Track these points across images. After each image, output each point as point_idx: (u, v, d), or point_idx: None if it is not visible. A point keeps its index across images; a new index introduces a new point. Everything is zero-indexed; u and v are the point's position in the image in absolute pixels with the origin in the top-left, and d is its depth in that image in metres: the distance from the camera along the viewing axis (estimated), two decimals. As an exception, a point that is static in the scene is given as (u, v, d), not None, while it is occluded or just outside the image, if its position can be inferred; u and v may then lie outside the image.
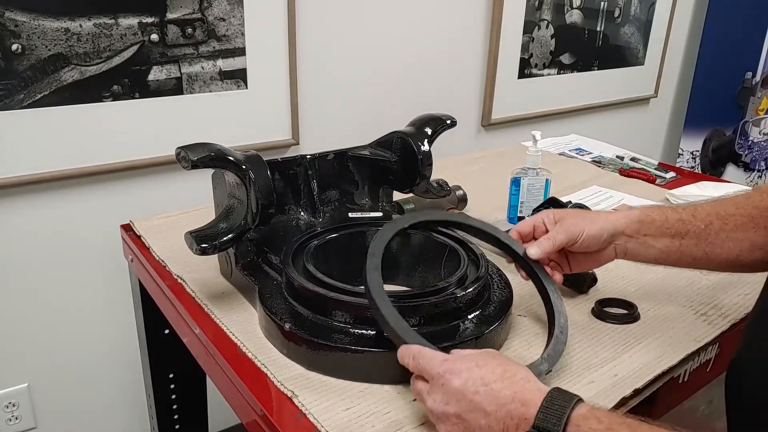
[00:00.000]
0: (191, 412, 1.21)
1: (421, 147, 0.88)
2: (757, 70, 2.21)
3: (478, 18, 1.68)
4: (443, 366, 0.56)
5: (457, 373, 0.55)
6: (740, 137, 2.34)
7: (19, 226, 1.18)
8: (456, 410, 0.54)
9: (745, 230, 0.73)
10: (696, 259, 0.75)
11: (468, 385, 0.54)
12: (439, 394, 0.56)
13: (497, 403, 0.53)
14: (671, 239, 0.74)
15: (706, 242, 0.73)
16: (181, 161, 0.73)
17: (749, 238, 0.73)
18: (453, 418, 0.55)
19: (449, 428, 0.56)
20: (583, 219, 0.75)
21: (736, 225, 0.73)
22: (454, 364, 0.56)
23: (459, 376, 0.55)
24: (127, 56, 1.17)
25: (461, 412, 0.54)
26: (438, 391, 0.56)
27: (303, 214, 0.90)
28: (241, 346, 0.72)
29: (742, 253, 0.73)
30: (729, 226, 0.73)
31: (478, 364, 0.56)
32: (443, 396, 0.55)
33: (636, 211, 0.76)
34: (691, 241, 0.74)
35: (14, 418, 1.29)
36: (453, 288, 0.71)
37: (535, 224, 0.77)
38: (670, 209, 0.76)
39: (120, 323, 1.33)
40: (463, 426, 0.54)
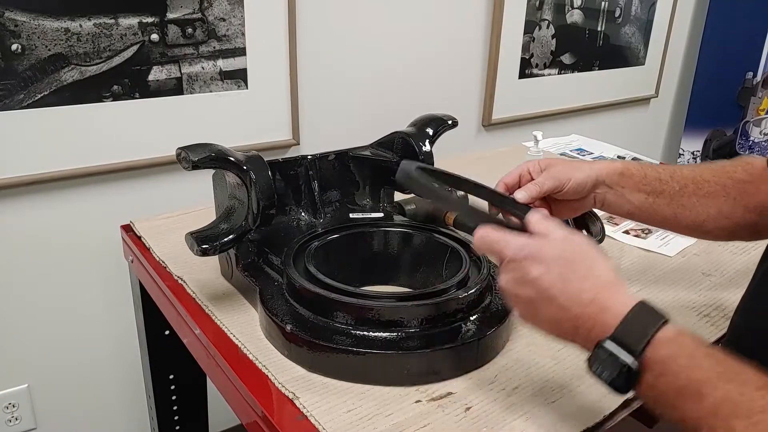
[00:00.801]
0: (191, 413, 1.21)
1: (422, 147, 0.88)
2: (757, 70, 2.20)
3: (478, 18, 1.68)
4: (524, 251, 0.54)
5: (537, 262, 0.53)
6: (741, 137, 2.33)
7: (19, 226, 1.18)
8: (528, 295, 0.54)
9: (716, 198, 0.76)
10: (665, 218, 0.78)
11: (545, 279, 0.53)
12: (513, 275, 0.55)
13: (573, 302, 0.52)
14: (646, 196, 0.77)
15: (678, 204, 0.76)
16: (181, 162, 0.73)
17: (718, 205, 0.76)
18: (525, 300, 0.55)
19: (518, 306, 0.56)
20: (570, 167, 0.77)
21: (708, 192, 0.76)
22: (536, 250, 0.54)
23: (538, 265, 0.53)
24: (127, 56, 1.17)
25: (534, 298, 0.53)
26: (513, 271, 0.55)
27: (304, 215, 0.89)
28: (242, 348, 0.72)
29: (708, 219, 0.76)
30: (702, 191, 0.76)
31: (563, 254, 0.54)
32: (518, 280, 0.54)
33: (618, 164, 0.78)
34: (664, 200, 0.77)
35: (14, 419, 1.29)
36: (454, 289, 0.71)
37: (520, 174, 0.79)
38: (650, 167, 0.79)
39: (120, 324, 1.33)
40: (533, 309, 0.54)
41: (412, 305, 0.68)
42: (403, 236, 0.86)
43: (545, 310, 0.53)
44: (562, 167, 0.77)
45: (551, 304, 0.53)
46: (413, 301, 0.68)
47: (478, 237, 0.58)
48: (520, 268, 0.54)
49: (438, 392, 0.65)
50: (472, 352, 0.68)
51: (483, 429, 0.60)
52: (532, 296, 0.54)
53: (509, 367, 0.69)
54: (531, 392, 0.65)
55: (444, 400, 0.64)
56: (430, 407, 0.63)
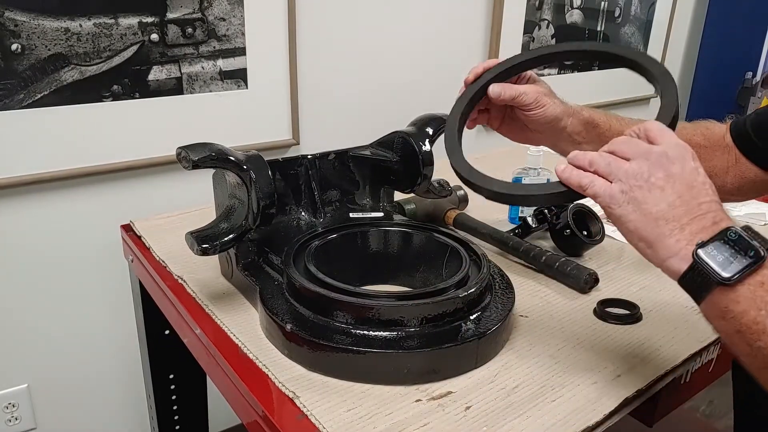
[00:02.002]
0: (191, 413, 1.21)
1: (422, 147, 0.88)
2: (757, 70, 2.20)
3: (478, 18, 1.68)
4: (666, 132, 0.56)
5: (682, 160, 0.54)
6: (740, 137, 2.33)
7: (19, 226, 1.18)
8: (666, 173, 0.53)
9: None
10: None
11: (685, 169, 0.54)
12: (649, 162, 0.54)
13: (705, 196, 0.53)
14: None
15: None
16: (182, 161, 0.73)
17: None
18: (638, 181, 0.53)
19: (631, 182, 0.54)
20: (551, 99, 0.76)
21: None
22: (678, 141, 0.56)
23: (684, 162, 0.54)
24: (127, 56, 1.17)
25: (675, 173, 0.53)
26: (647, 158, 0.54)
27: (304, 215, 0.89)
28: (242, 347, 0.72)
29: None
30: None
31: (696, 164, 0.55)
32: (651, 166, 0.54)
33: (584, 113, 0.78)
34: (600, 131, 0.77)
35: (14, 419, 1.29)
36: (454, 289, 0.71)
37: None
38: (615, 119, 0.78)
39: (120, 323, 1.33)
40: (667, 177, 0.53)
41: (412, 304, 0.68)
42: (402, 236, 0.86)
43: (678, 187, 0.53)
44: (547, 95, 0.76)
45: (686, 186, 0.53)
46: (413, 301, 0.68)
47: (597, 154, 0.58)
48: (662, 152, 0.54)
49: (438, 391, 0.65)
50: (472, 351, 0.68)
51: (483, 428, 0.60)
52: (673, 171, 0.53)
53: (509, 367, 0.69)
54: (530, 391, 0.65)
55: (444, 399, 0.64)
56: (429, 406, 0.63)
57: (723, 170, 0.79)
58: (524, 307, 0.81)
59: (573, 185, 0.57)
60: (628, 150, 0.56)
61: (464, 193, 1.10)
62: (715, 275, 0.49)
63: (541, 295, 0.83)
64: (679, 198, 0.53)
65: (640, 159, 0.55)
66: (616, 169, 0.55)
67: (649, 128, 0.57)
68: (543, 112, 0.75)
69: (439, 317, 0.68)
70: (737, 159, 0.79)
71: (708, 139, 0.80)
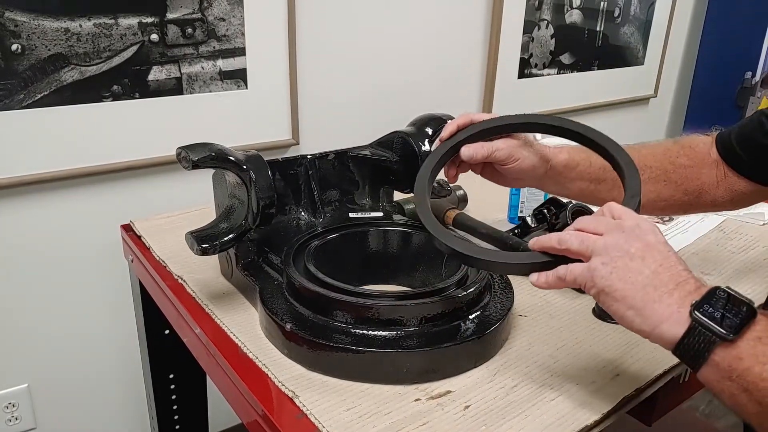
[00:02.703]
0: (191, 412, 1.21)
1: (421, 147, 0.88)
2: (756, 70, 2.20)
3: (478, 18, 1.68)
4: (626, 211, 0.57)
5: (654, 232, 0.55)
6: (740, 137, 2.33)
7: (19, 226, 1.18)
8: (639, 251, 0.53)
9: (657, 183, 0.78)
10: (604, 200, 0.79)
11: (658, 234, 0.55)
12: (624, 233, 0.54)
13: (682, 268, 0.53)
14: (588, 183, 0.79)
15: (620, 189, 0.77)
16: (181, 161, 0.73)
17: (657, 190, 0.78)
18: (631, 252, 0.53)
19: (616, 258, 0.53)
20: (526, 150, 0.76)
21: (650, 177, 0.78)
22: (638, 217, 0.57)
23: (656, 234, 0.55)
24: (127, 56, 1.17)
25: (644, 246, 0.53)
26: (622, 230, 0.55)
27: (303, 214, 0.90)
28: (242, 347, 0.72)
29: (647, 203, 0.78)
30: (644, 177, 0.77)
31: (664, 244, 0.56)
32: (628, 238, 0.54)
33: (564, 155, 0.79)
34: (606, 186, 0.79)
35: (14, 419, 1.29)
36: (454, 288, 0.71)
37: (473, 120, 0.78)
38: (595, 155, 0.78)
39: (120, 323, 1.33)
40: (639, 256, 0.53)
41: (412, 304, 0.68)
42: (402, 235, 0.86)
43: (658, 256, 0.53)
44: (522, 146, 0.76)
45: (666, 253, 0.53)
46: (412, 300, 0.68)
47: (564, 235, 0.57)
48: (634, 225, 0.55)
49: (437, 391, 0.65)
50: (471, 350, 0.68)
51: (482, 427, 0.60)
52: (643, 249, 0.53)
53: (508, 366, 0.69)
54: (529, 391, 0.65)
55: (443, 399, 0.64)
56: (429, 405, 0.63)
57: (713, 185, 0.80)
58: (523, 307, 0.81)
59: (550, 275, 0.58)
60: (599, 226, 0.56)
61: (464, 193, 1.10)
62: (718, 332, 0.48)
63: (540, 295, 0.83)
64: (661, 266, 0.53)
65: (615, 232, 0.55)
66: (592, 244, 0.55)
67: (613, 207, 0.58)
68: (518, 165, 0.76)
69: (438, 317, 0.68)
70: (726, 173, 0.79)
71: (693, 159, 0.80)
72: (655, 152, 0.81)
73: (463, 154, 0.74)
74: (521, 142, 0.77)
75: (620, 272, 0.53)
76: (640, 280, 0.52)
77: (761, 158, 0.76)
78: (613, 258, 0.53)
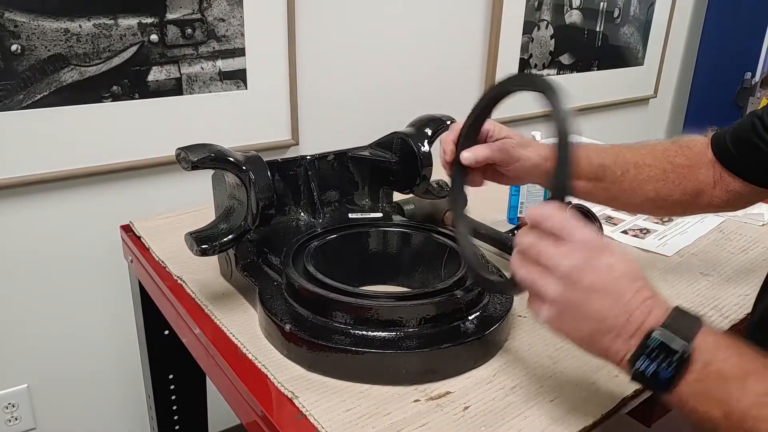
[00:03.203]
0: (191, 413, 1.21)
1: (421, 148, 0.88)
2: (756, 71, 2.20)
3: (477, 18, 1.68)
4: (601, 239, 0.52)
5: (610, 252, 0.51)
6: (740, 137, 2.33)
7: (19, 226, 1.18)
8: (590, 283, 0.50)
9: (656, 182, 0.78)
10: (603, 200, 0.81)
11: (615, 268, 0.51)
12: (581, 260, 0.51)
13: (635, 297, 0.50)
14: (587, 181, 0.79)
15: (618, 188, 0.78)
16: (181, 162, 0.73)
17: (656, 189, 0.78)
18: (581, 290, 0.51)
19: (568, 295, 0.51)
20: (523, 149, 0.77)
21: (648, 176, 0.78)
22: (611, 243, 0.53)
23: (611, 254, 0.51)
24: (127, 57, 1.17)
25: (596, 287, 0.50)
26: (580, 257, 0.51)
27: (303, 215, 0.90)
28: (241, 347, 0.72)
29: (646, 201, 0.79)
30: (642, 176, 0.78)
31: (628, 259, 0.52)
32: (585, 263, 0.51)
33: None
34: (604, 185, 0.79)
35: (14, 419, 1.29)
36: (453, 289, 0.71)
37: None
38: (594, 152, 0.79)
39: (120, 324, 1.33)
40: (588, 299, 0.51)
41: (411, 305, 0.68)
42: (401, 236, 0.86)
43: (601, 300, 0.50)
44: (517, 145, 0.76)
45: (611, 295, 0.50)
46: (412, 301, 0.69)
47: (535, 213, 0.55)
48: (592, 256, 0.51)
49: (436, 391, 0.65)
50: (471, 351, 0.68)
51: (481, 428, 0.60)
52: (593, 284, 0.50)
53: (507, 367, 0.69)
54: (529, 391, 0.65)
55: (442, 400, 0.64)
56: (428, 406, 0.63)
57: (709, 185, 0.80)
58: (523, 307, 0.81)
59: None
60: (540, 255, 0.53)
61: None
62: (653, 386, 0.49)
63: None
64: (607, 308, 0.50)
65: (556, 271, 0.52)
66: (536, 287, 0.54)
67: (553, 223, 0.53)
68: (520, 165, 0.76)
69: (437, 317, 0.68)
70: (721, 174, 0.79)
71: (690, 159, 0.80)
72: (654, 151, 0.81)
73: (465, 159, 0.74)
74: (517, 141, 0.77)
75: (566, 321, 0.53)
76: (585, 329, 0.52)
77: (754, 159, 0.76)
78: (558, 306, 0.52)
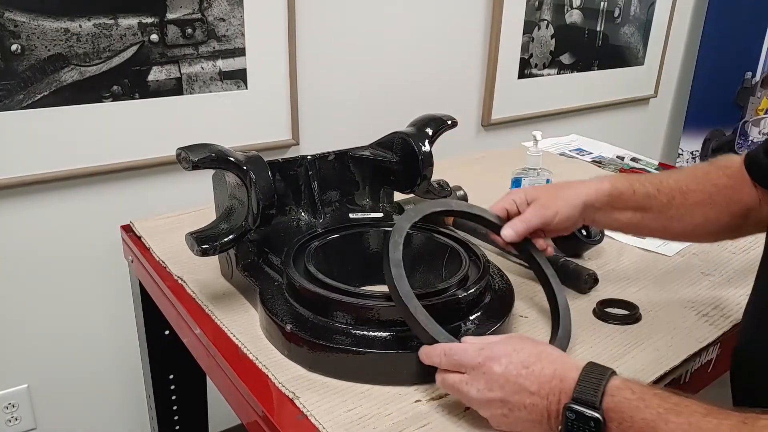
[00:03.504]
0: (191, 413, 1.21)
1: (422, 147, 0.88)
2: (756, 70, 2.20)
3: (478, 18, 1.68)
4: (482, 355, 0.57)
5: (497, 360, 0.57)
6: (740, 137, 2.34)
7: (19, 226, 1.18)
8: (501, 395, 0.56)
9: (702, 206, 0.77)
10: (654, 230, 0.80)
11: (510, 370, 0.56)
12: (481, 382, 0.57)
13: (539, 383, 0.55)
14: (634, 212, 0.78)
15: (666, 216, 0.78)
16: (181, 162, 0.73)
17: (704, 213, 0.77)
18: (497, 403, 0.56)
19: (494, 412, 0.57)
20: (556, 199, 0.77)
21: (695, 201, 0.77)
22: (492, 351, 0.57)
23: (499, 362, 0.56)
24: (127, 56, 1.17)
25: (506, 396, 0.56)
26: (480, 379, 0.57)
27: (304, 215, 0.89)
28: (242, 347, 0.72)
29: (696, 227, 0.77)
30: (689, 201, 0.77)
31: (515, 348, 0.57)
32: (486, 383, 0.57)
33: (606, 184, 0.78)
34: (653, 215, 0.78)
35: (14, 419, 1.29)
36: (454, 289, 0.71)
37: (506, 206, 0.80)
38: (637, 182, 0.79)
39: (120, 324, 1.33)
40: (507, 408, 0.56)
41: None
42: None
43: (519, 402, 0.55)
44: (548, 200, 0.77)
45: (523, 393, 0.55)
46: (413, 301, 0.68)
47: (427, 354, 0.62)
48: (485, 371, 0.57)
49: (438, 392, 0.65)
50: (472, 351, 0.68)
51: (482, 429, 0.60)
52: (503, 396, 0.56)
53: (509, 367, 0.69)
54: (530, 392, 0.65)
55: (443, 400, 0.64)
56: (429, 407, 0.63)
57: (756, 204, 0.76)
58: (524, 308, 0.81)
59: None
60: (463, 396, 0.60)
61: (464, 194, 1.10)
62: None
63: (541, 296, 0.83)
64: (527, 409, 0.55)
65: (477, 407, 0.58)
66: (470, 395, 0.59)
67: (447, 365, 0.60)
68: (560, 218, 0.76)
69: (439, 317, 0.68)
70: (764, 192, 0.75)
71: (732, 179, 0.77)
72: (694, 175, 0.79)
73: (507, 237, 0.76)
74: (549, 195, 0.78)
75: (503, 418, 0.57)
76: (523, 423, 0.56)
77: None
78: (490, 408, 0.57)
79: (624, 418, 0.50)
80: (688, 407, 0.49)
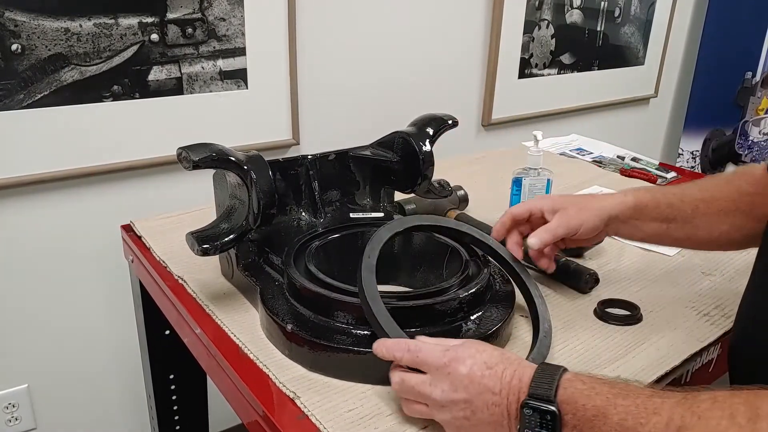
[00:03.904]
0: (191, 412, 1.21)
1: (422, 147, 0.88)
2: (756, 70, 2.20)
3: (478, 18, 1.68)
4: (447, 356, 0.58)
5: (462, 361, 0.57)
6: (740, 137, 2.33)
7: (19, 226, 1.18)
8: (465, 396, 0.56)
9: (727, 214, 0.77)
10: (678, 240, 0.81)
11: (475, 371, 0.56)
12: (446, 383, 0.57)
13: (502, 383, 0.55)
14: (659, 223, 0.79)
15: (691, 225, 0.78)
16: (182, 161, 0.73)
17: (730, 221, 0.78)
18: (461, 404, 0.56)
19: (456, 414, 0.57)
20: (582, 210, 0.77)
21: (720, 209, 0.78)
22: (456, 352, 0.58)
23: (464, 363, 0.57)
24: (127, 56, 1.17)
25: (470, 396, 0.56)
26: (444, 380, 0.57)
27: (304, 215, 0.89)
28: (243, 347, 0.72)
29: (722, 235, 0.78)
30: (713, 210, 0.77)
31: (478, 350, 0.58)
32: (451, 384, 0.57)
33: (630, 197, 0.79)
34: (677, 225, 0.78)
35: (14, 419, 1.29)
36: (455, 289, 0.71)
37: (531, 211, 0.80)
38: (660, 193, 0.80)
39: (120, 324, 1.33)
40: (470, 410, 0.56)
41: (413, 305, 0.68)
42: (403, 236, 0.85)
43: (482, 403, 0.55)
44: (574, 212, 0.77)
45: (486, 393, 0.55)
46: (414, 301, 0.68)
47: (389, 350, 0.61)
48: (450, 371, 0.57)
49: (438, 391, 0.65)
50: (473, 351, 0.68)
51: (483, 428, 0.60)
52: (468, 396, 0.56)
53: (509, 367, 0.69)
54: (531, 391, 0.65)
55: (444, 400, 0.64)
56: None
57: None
58: (523, 308, 0.81)
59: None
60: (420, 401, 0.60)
61: (464, 193, 1.10)
62: None
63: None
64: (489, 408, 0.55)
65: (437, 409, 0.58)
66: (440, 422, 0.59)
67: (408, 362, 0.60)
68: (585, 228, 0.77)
69: (439, 317, 0.68)
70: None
71: (754, 185, 0.77)
72: (717, 184, 0.80)
73: (533, 245, 0.76)
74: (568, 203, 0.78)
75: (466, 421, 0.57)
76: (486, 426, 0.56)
77: None
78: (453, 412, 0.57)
79: (577, 408, 0.51)
80: (634, 391, 0.51)
